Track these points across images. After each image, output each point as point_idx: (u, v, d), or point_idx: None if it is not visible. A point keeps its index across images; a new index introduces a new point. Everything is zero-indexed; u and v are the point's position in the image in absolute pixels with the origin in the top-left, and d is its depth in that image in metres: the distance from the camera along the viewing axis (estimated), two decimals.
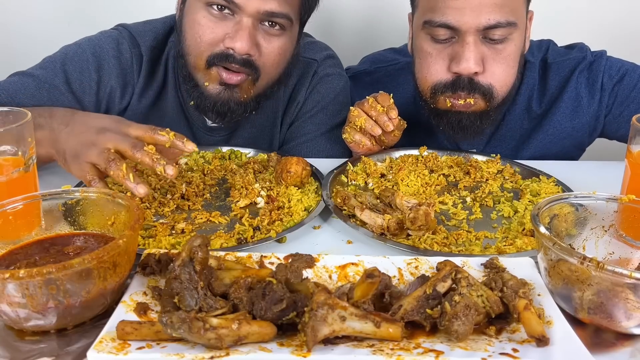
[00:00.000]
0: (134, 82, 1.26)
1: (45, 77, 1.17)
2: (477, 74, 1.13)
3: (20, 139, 0.82)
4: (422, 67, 1.20)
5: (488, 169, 1.15)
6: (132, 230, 0.66)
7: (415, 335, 0.63)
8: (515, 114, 1.34)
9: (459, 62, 1.11)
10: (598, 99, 1.30)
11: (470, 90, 1.14)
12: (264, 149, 1.24)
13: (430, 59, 1.16)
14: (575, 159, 1.42)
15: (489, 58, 1.13)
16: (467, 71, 1.11)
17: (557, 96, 1.32)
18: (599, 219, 0.79)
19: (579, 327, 0.65)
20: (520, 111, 1.34)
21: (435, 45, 1.15)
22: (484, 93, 1.15)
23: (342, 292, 0.65)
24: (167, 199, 0.98)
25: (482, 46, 1.12)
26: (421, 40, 1.18)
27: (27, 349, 0.62)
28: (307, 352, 0.58)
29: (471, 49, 1.10)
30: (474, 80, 1.13)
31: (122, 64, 1.24)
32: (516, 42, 1.15)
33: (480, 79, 1.14)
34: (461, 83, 1.13)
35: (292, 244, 0.88)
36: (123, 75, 1.24)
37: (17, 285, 0.58)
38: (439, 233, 0.89)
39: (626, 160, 0.91)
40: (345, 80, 1.40)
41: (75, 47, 1.23)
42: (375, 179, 1.10)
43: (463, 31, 1.10)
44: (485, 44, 1.12)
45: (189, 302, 0.63)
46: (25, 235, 0.75)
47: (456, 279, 0.67)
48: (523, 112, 1.34)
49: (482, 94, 1.15)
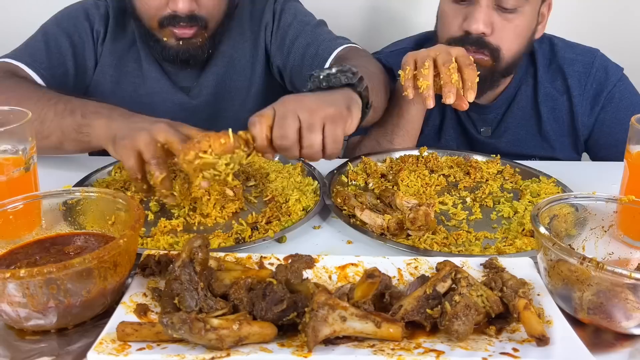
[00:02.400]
0: (111, 26, 1.33)
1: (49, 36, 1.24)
2: (484, 34, 1.22)
3: (20, 138, 0.82)
4: (440, 26, 1.31)
5: (488, 170, 1.15)
6: (132, 230, 0.66)
7: (416, 335, 0.63)
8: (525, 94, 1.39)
9: (469, 21, 1.21)
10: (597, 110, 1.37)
11: (478, 47, 1.23)
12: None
13: (447, 18, 1.28)
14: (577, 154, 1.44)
15: (498, 23, 1.22)
16: (475, 31, 1.21)
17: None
18: (598, 219, 0.79)
19: (579, 327, 0.65)
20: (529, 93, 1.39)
21: (453, 6, 1.26)
22: (492, 51, 1.24)
23: (343, 293, 0.65)
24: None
25: (493, 12, 1.22)
26: (443, 2, 1.30)
27: (27, 348, 0.62)
28: (308, 352, 0.59)
29: (482, 10, 1.20)
30: (482, 39, 1.23)
31: (100, 9, 1.33)
32: (526, 16, 1.24)
33: (489, 38, 1.23)
34: (470, 39, 1.23)
35: (291, 244, 0.88)
36: (105, 18, 1.33)
37: (17, 284, 0.58)
38: (438, 233, 0.90)
39: (625, 161, 0.92)
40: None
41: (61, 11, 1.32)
42: (376, 179, 1.10)
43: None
44: (497, 10, 1.22)
45: (189, 303, 0.63)
46: (26, 235, 0.75)
47: (456, 279, 0.67)
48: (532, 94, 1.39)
49: (491, 52, 1.24)
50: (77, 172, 1.07)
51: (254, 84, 1.41)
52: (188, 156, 0.80)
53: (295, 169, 1.12)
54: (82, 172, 1.07)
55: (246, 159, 0.84)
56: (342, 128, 0.86)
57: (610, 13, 1.95)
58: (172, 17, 1.20)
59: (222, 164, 0.81)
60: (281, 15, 1.37)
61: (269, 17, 1.38)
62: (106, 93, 1.35)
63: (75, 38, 1.29)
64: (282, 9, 1.38)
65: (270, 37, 1.39)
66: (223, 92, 1.40)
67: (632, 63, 1.46)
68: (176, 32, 1.23)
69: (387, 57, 1.45)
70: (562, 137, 1.39)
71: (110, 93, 1.35)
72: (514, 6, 1.21)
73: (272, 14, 1.38)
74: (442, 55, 1.04)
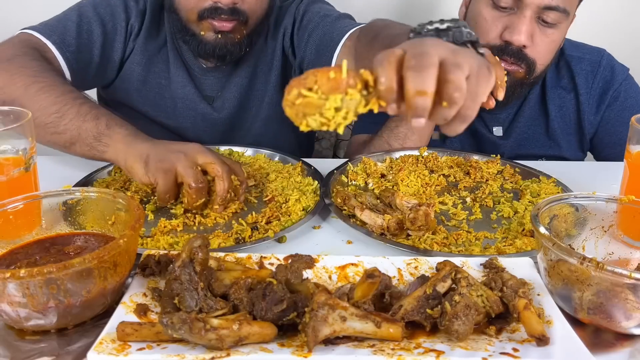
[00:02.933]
0: (147, 24, 1.32)
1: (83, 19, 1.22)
2: (524, 47, 1.21)
3: (20, 138, 0.82)
4: (475, 30, 1.26)
5: (488, 170, 1.15)
6: (132, 229, 0.66)
7: (416, 335, 0.63)
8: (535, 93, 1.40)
9: (512, 32, 1.19)
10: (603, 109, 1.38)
11: (517, 59, 1.23)
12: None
13: (486, 24, 1.25)
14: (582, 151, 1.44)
15: (537, 37, 1.22)
16: (518, 42, 1.20)
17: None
18: (598, 219, 0.79)
19: (579, 327, 0.65)
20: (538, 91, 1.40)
21: (493, 12, 1.23)
22: (528, 65, 1.24)
23: (343, 293, 0.65)
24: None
25: (535, 24, 1.21)
26: (480, 6, 1.26)
27: (27, 348, 0.62)
28: (308, 352, 0.59)
29: (527, 22, 1.19)
30: (522, 51, 1.22)
31: (139, 5, 1.31)
32: (562, 31, 1.25)
33: (527, 51, 1.23)
34: (510, 50, 1.22)
35: (291, 244, 0.88)
36: (142, 14, 1.32)
37: (17, 284, 0.58)
38: (438, 233, 0.90)
39: (625, 161, 0.92)
40: None
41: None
42: (376, 179, 1.10)
43: (525, 4, 1.18)
44: (538, 23, 1.21)
45: (189, 303, 0.63)
46: (26, 235, 0.75)
47: (456, 279, 0.67)
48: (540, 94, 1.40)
49: (527, 65, 1.24)
50: (77, 172, 1.07)
51: (268, 93, 1.40)
52: (290, 95, 0.61)
53: (295, 169, 1.13)
54: (82, 172, 1.07)
55: (365, 106, 0.61)
56: (485, 87, 0.62)
57: (616, 16, 1.95)
58: (213, 9, 1.19)
59: (331, 108, 0.60)
60: (303, 16, 1.34)
61: (289, 22, 1.36)
62: (131, 90, 1.34)
63: (108, 27, 1.26)
64: (305, 10, 1.35)
65: (289, 41, 1.36)
66: (244, 103, 1.40)
67: (637, 64, 1.47)
68: (215, 25, 1.21)
69: None
70: (569, 135, 1.40)
71: (135, 91, 1.34)
72: (555, 21, 1.21)
73: (292, 18, 1.36)
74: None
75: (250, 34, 1.28)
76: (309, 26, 1.30)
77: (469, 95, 0.60)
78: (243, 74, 1.38)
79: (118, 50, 1.29)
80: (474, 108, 0.61)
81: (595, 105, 1.37)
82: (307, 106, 0.60)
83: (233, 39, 1.24)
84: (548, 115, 1.38)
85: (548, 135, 1.39)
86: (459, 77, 0.57)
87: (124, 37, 1.29)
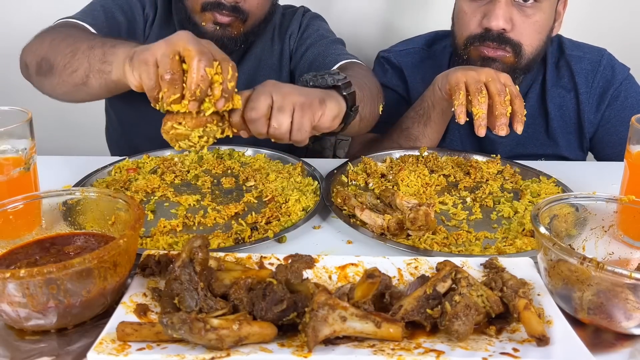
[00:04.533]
0: (160, 12, 1.37)
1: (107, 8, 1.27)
2: (505, 30, 1.22)
3: (20, 138, 0.82)
4: (458, 25, 1.31)
5: (488, 170, 1.15)
6: (132, 229, 0.66)
7: (416, 335, 0.63)
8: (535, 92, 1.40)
9: (489, 18, 1.22)
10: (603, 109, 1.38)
11: (500, 43, 1.23)
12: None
13: (466, 17, 1.28)
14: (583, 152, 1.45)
15: (518, 19, 1.23)
16: (496, 27, 1.21)
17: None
18: (598, 219, 0.79)
19: (579, 327, 0.65)
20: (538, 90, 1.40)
21: (471, 4, 1.26)
22: (513, 47, 1.24)
23: (343, 293, 0.65)
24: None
25: (512, 7, 1.22)
26: (460, 2, 1.30)
27: (27, 348, 0.62)
28: (308, 352, 0.59)
29: (502, 7, 1.20)
30: (503, 35, 1.23)
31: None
32: (544, 11, 1.24)
33: (510, 34, 1.23)
34: (490, 36, 1.23)
35: (292, 244, 0.88)
36: (154, 4, 1.38)
37: (17, 284, 0.58)
38: (439, 233, 0.90)
39: (625, 161, 0.92)
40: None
41: None
42: (376, 179, 1.10)
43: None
44: (515, 6, 1.22)
45: (189, 303, 0.63)
46: (26, 235, 0.75)
47: (456, 279, 0.67)
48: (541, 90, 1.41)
49: (512, 48, 1.24)
50: (77, 172, 1.07)
51: None
52: (165, 126, 0.83)
53: (295, 169, 1.13)
54: (82, 172, 1.07)
55: (220, 134, 0.86)
56: (310, 118, 0.88)
57: (617, 15, 1.96)
58: (216, 4, 1.24)
59: (195, 136, 0.83)
60: (305, 29, 1.44)
61: (295, 27, 1.45)
62: None
63: (129, 15, 1.32)
64: (308, 25, 1.45)
65: (293, 46, 1.45)
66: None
67: (638, 64, 1.47)
68: (216, 17, 1.25)
69: (396, 56, 1.48)
70: (569, 134, 1.40)
71: None
72: (532, 1, 1.21)
73: (298, 25, 1.45)
74: (495, 84, 1.05)
75: (247, 33, 1.32)
76: (307, 41, 1.41)
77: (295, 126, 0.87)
78: (249, 64, 1.41)
79: (140, 37, 1.35)
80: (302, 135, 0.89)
81: (595, 105, 1.37)
82: (178, 135, 0.83)
83: (230, 34, 1.28)
84: (548, 114, 1.38)
85: (548, 134, 1.39)
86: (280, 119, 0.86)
87: (142, 23, 1.35)
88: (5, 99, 1.62)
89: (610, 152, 1.39)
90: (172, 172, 1.11)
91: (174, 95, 0.79)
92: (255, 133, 0.88)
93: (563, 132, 1.39)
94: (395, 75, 1.48)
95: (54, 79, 1.06)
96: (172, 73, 0.78)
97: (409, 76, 1.46)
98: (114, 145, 1.59)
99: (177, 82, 0.78)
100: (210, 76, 0.79)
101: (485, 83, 1.05)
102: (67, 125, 2.03)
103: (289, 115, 0.86)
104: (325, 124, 0.91)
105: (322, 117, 0.90)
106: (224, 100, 0.81)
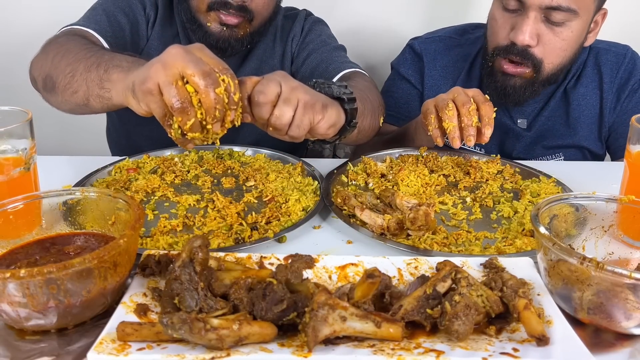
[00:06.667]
0: (161, 12, 1.37)
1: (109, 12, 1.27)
2: (529, 46, 1.23)
3: (20, 138, 0.82)
4: (490, 31, 1.34)
5: (488, 170, 1.15)
6: (132, 229, 0.66)
7: (416, 335, 0.63)
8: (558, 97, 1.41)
9: (516, 32, 1.23)
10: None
11: (523, 57, 1.25)
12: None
13: (496, 25, 1.29)
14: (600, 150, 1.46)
15: (545, 36, 1.23)
16: (521, 42, 1.23)
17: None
18: (598, 219, 0.79)
19: (579, 327, 0.65)
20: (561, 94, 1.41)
21: (503, 14, 1.27)
22: (534, 64, 1.25)
23: (343, 293, 0.65)
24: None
25: (540, 24, 1.23)
26: (494, 8, 1.32)
27: (27, 348, 0.62)
28: (308, 352, 0.59)
29: (529, 23, 1.21)
30: (527, 50, 1.24)
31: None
32: (574, 29, 1.24)
33: (534, 50, 1.24)
34: (515, 50, 1.25)
35: (292, 244, 0.88)
36: (155, 4, 1.37)
37: (17, 284, 0.58)
38: (438, 233, 0.90)
39: (625, 161, 0.92)
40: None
41: None
42: (376, 179, 1.10)
43: (528, 5, 1.21)
44: (544, 23, 1.23)
45: (189, 302, 0.63)
46: (26, 235, 0.75)
47: (456, 279, 0.67)
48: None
49: (533, 65, 1.25)
50: (77, 172, 1.07)
51: None
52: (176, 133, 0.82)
53: (295, 169, 1.13)
54: (82, 172, 1.07)
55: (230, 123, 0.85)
56: (310, 118, 0.89)
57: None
58: (223, 3, 1.24)
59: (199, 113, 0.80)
60: (308, 33, 1.45)
61: (297, 30, 1.46)
62: None
63: (131, 16, 1.32)
64: (310, 29, 1.46)
65: (295, 49, 1.45)
66: None
67: None
68: (222, 17, 1.25)
69: (421, 43, 1.50)
70: (590, 125, 1.41)
71: None
72: (562, 20, 1.21)
73: (300, 28, 1.46)
74: (460, 97, 1.06)
75: (252, 33, 1.32)
76: (309, 46, 1.42)
77: (295, 122, 0.88)
78: (252, 64, 1.42)
79: (143, 37, 1.35)
80: (299, 132, 0.89)
81: (616, 96, 1.39)
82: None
83: (237, 34, 1.28)
84: (570, 104, 1.40)
85: (568, 124, 1.41)
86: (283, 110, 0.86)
87: (145, 24, 1.35)
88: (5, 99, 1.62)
89: (623, 144, 1.39)
90: (172, 172, 1.11)
91: (189, 122, 0.78)
92: (257, 117, 0.88)
93: (584, 122, 1.40)
94: (413, 65, 1.50)
95: (57, 97, 1.06)
96: (182, 102, 0.77)
97: (427, 64, 1.48)
98: (114, 145, 1.59)
99: (188, 108, 0.78)
100: (221, 95, 0.79)
101: (453, 99, 1.07)
102: (67, 125, 2.03)
103: (292, 109, 0.87)
104: (321, 129, 0.92)
105: (320, 122, 0.91)
106: (233, 112, 0.83)
